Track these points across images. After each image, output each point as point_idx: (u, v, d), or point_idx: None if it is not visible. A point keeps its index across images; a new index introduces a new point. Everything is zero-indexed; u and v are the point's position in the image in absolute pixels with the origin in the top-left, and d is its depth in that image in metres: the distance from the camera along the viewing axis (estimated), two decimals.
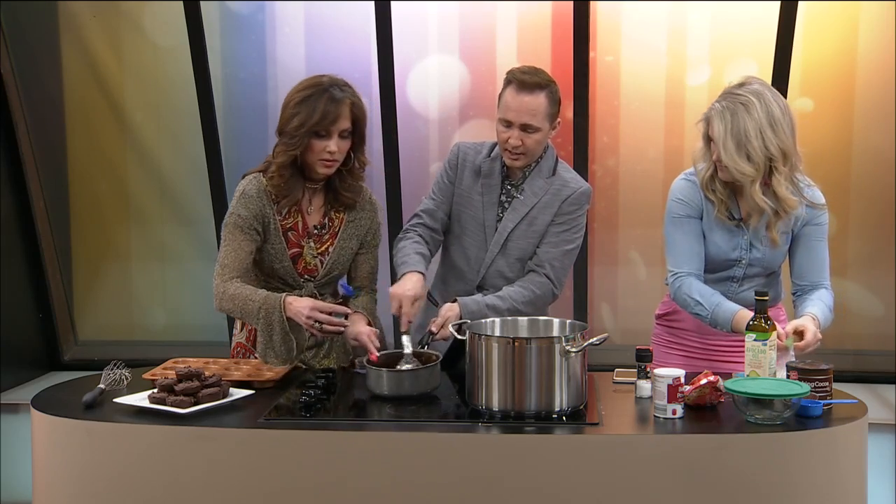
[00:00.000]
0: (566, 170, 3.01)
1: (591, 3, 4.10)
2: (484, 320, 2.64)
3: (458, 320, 2.76)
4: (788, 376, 2.46)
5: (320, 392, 2.53)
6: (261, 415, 2.42)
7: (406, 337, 2.71)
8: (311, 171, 2.83)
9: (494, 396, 2.41)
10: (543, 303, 2.95)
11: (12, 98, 4.43)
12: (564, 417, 2.40)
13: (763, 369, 2.49)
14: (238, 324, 2.99)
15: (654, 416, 2.38)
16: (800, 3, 3.92)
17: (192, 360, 2.82)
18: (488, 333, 2.57)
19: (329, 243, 2.90)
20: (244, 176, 2.89)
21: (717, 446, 2.27)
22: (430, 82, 4.40)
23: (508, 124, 2.86)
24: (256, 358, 2.87)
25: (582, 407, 2.45)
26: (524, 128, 2.84)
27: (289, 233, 2.85)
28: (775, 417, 2.30)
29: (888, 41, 4.04)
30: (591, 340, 2.43)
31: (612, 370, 2.77)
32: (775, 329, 2.52)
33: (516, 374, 2.39)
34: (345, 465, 2.30)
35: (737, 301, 2.81)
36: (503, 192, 2.98)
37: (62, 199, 4.68)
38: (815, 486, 2.29)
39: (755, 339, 2.50)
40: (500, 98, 2.90)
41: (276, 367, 2.77)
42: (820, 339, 2.65)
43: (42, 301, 4.66)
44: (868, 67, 4.12)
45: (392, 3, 4.10)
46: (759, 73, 4.03)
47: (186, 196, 4.66)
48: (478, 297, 2.89)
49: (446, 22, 4.36)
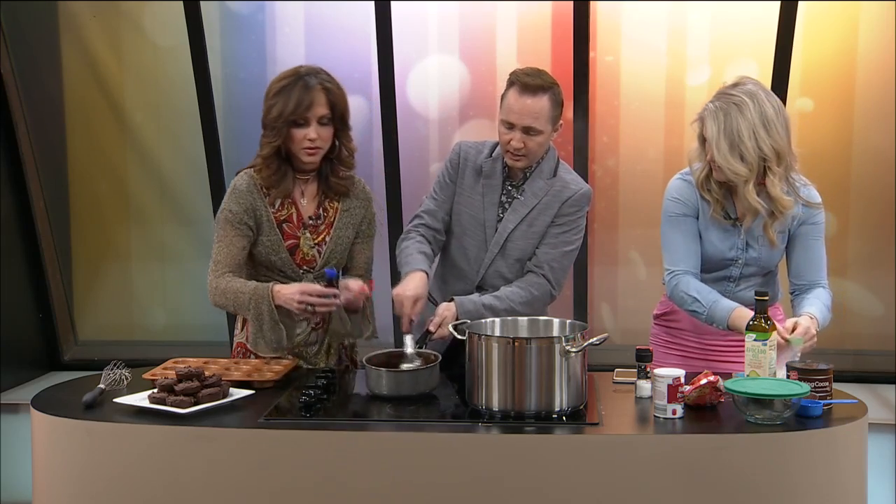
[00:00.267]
0: (567, 171, 3.01)
1: (591, 3, 4.10)
2: (484, 320, 2.64)
3: (455, 320, 2.76)
4: (788, 376, 2.46)
5: (320, 392, 2.53)
6: (261, 415, 2.42)
7: (408, 337, 2.72)
8: (297, 160, 2.85)
9: (494, 396, 2.41)
10: (541, 304, 2.95)
11: (12, 98, 4.43)
12: (564, 417, 2.40)
13: (763, 369, 2.49)
14: (239, 323, 2.99)
15: (654, 416, 2.38)
16: (800, 3, 3.91)
17: (192, 360, 2.82)
18: (488, 333, 2.57)
19: (325, 233, 2.90)
20: (237, 173, 2.92)
21: (717, 446, 2.27)
22: (430, 82, 4.40)
23: (511, 126, 2.86)
24: (258, 357, 2.88)
25: (582, 407, 2.45)
26: (526, 130, 2.84)
27: (283, 224, 2.87)
28: (775, 417, 2.30)
29: (888, 41, 4.04)
30: (591, 340, 2.43)
31: (612, 370, 2.77)
32: (775, 329, 2.52)
33: (516, 374, 2.39)
34: (345, 465, 2.30)
35: (734, 301, 2.81)
36: (504, 192, 2.97)
37: (62, 199, 4.68)
38: (815, 486, 2.29)
39: (755, 339, 2.50)
40: (502, 99, 2.90)
41: (268, 355, 2.80)
42: (814, 336, 2.64)
43: (42, 301, 4.66)
44: (868, 67, 4.12)
45: (392, 3, 4.09)
46: (759, 73, 4.04)
47: (186, 196, 4.66)
48: (475, 296, 2.88)
49: (446, 22, 4.36)
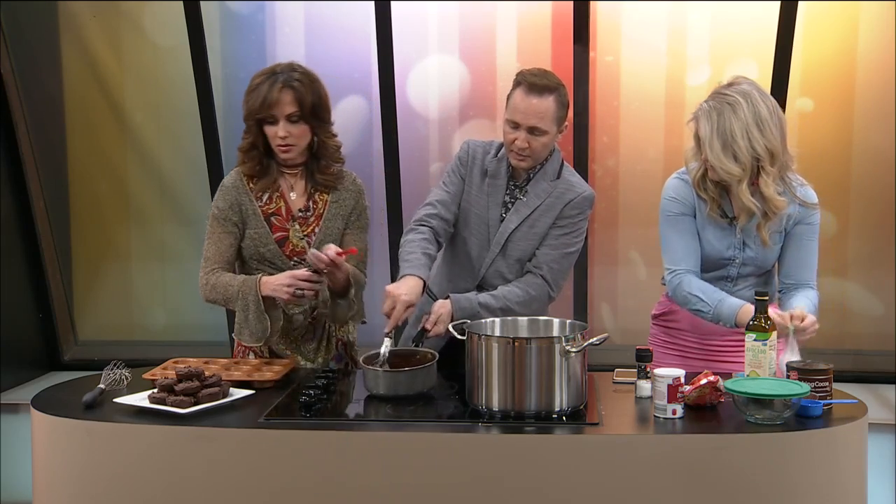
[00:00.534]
0: (571, 173, 3.00)
1: (591, 3, 4.10)
2: (483, 320, 2.64)
3: (451, 317, 2.76)
4: (788, 376, 2.46)
5: (320, 392, 2.53)
6: (261, 415, 2.42)
7: (388, 340, 2.67)
8: (277, 156, 2.89)
9: (494, 396, 2.41)
10: (539, 304, 2.94)
11: (12, 98, 4.43)
12: (564, 417, 2.40)
13: (763, 369, 2.49)
14: None
15: (654, 416, 2.38)
16: (800, 3, 3.91)
17: (192, 360, 2.82)
18: (488, 333, 2.57)
19: (315, 225, 2.91)
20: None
21: (717, 446, 2.27)
22: (430, 82, 4.40)
23: (516, 126, 2.86)
24: (258, 357, 2.88)
25: (582, 407, 2.45)
26: (531, 130, 2.84)
27: (272, 217, 2.89)
28: (775, 417, 2.30)
29: (888, 41, 4.04)
30: (591, 340, 2.43)
31: (612, 370, 2.77)
32: (775, 329, 2.52)
33: (516, 374, 2.39)
34: (344, 465, 2.30)
35: None
36: (507, 192, 2.98)
37: (62, 199, 4.68)
38: (815, 486, 2.29)
39: (755, 339, 2.50)
40: (508, 99, 2.90)
41: (251, 344, 2.83)
42: (815, 322, 2.62)
43: (42, 301, 4.66)
44: (868, 67, 4.12)
45: (392, 3, 4.09)
46: (759, 73, 4.04)
47: (186, 196, 4.66)
48: (471, 294, 2.88)
49: (446, 22, 4.35)
